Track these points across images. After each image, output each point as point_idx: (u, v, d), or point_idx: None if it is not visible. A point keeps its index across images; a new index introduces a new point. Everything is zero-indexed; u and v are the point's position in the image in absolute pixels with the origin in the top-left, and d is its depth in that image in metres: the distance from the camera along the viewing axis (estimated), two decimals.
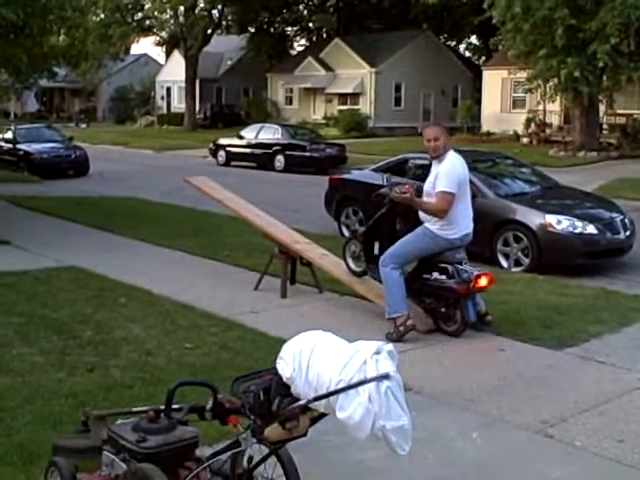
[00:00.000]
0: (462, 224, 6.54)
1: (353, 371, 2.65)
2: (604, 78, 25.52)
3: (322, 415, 2.80)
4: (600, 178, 19.88)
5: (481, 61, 45.86)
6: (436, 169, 6.45)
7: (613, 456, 4.37)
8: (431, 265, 6.64)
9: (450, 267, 6.51)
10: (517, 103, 35.32)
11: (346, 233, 11.92)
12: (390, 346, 2.73)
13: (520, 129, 33.17)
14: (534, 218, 9.80)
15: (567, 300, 7.84)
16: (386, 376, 2.61)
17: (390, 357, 2.69)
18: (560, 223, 9.67)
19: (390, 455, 2.73)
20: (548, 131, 32.55)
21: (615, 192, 15.83)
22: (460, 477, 4.16)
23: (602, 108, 29.26)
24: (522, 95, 33.30)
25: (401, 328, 6.43)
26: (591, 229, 9.69)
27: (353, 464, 4.18)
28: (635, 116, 30.22)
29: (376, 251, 7.08)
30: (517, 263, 9.81)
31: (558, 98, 29.17)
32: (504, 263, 9.86)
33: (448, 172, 6.33)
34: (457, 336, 6.57)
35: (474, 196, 10.11)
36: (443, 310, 6.66)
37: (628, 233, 10.05)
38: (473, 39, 54.00)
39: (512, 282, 8.70)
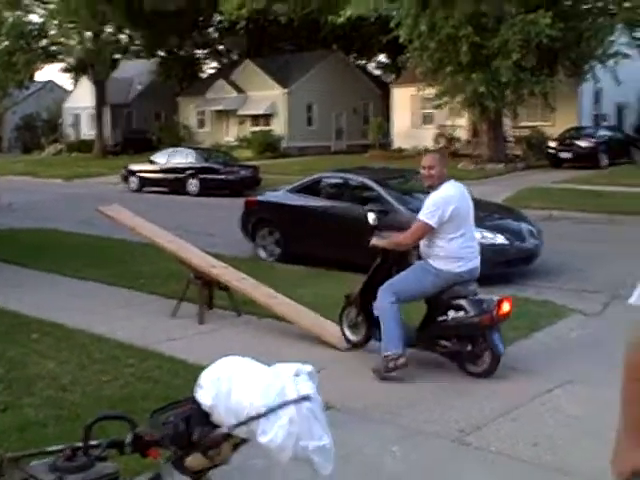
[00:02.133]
0: (466, 257, 6.01)
1: (273, 395, 2.65)
2: (508, 92, 26.38)
3: (244, 441, 2.80)
4: (508, 189, 20.50)
5: (391, 79, 46.69)
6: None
7: (527, 459, 4.51)
8: (443, 305, 6.04)
9: (464, 301, 5.97)
10: (426, 119, 36.15)
11: (263, 255, 11.91)
12: (309, 367, 2.75)
13: (430, 144, 33.93)
14: None
15: None
16: (306, 397, 2.62)
17: (310, 378, 2.71)
18: None
19: (313, 476, 2.74)
20: (457, 145, 33.41)
21: (522, 202, 16.35)
22: None
23: (507, 122, 30.24)
24: (431, 111, 34.08)
25: (391, 365, 5.91)
26: (501, 239, 9.98)
27: None
28: (538, 128, 31.33)
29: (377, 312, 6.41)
30: None
31: (465, 113, 30.02)
32: None
33: (433, 202, 5.92)
34: (490, 375, 5.97)
35: (386, 212, 10.43)
36: (470, 349, 6.01)
37: (536, 242, 10.39)
38: (382, 57, 55.01)
39: None
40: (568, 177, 23.48)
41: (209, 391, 2.77)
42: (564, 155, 28.01)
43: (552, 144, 28.95)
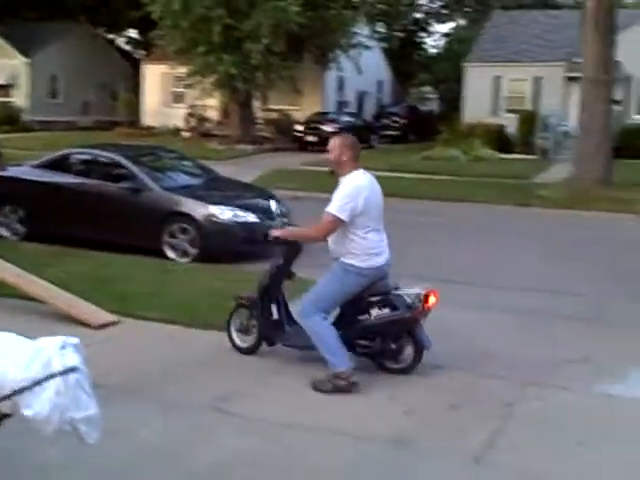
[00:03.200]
0: (383, 250, 5.63)
1: (39, 367, 2.69)
2: (258, 75, 27.01)
3: (6, 416, 2.80)
4: (257, 169, 21.08)
5: (141, 55, 45.64)
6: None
7: (273, 420, 4.88)
8: (364, 304, 5.64)
9: (388, 297, 5.62)
10: (178, 98, 35.88)
11: (5, 233, 11.29)
12: (75, 340, 2.82)
13: (181, 123, 33.81)
14: (198, 209, 10.21)
15: (234, 285, 8.30)
16: (73, 369, 2.70)
17: (76, 350, 2.78)
18: (223, 213, 10.22)
19: (72, 451, 2.82)
20: (208, 125, 33.59)
21: (271, 182, 16.93)
22: (145, 463, 4.32)
23: (257, 104, 30.97)
24: (182, 90, 33.91)
25: (342, 383, 5.36)
26: (252, 217, 10.37)
27: (37, 465, 4.14)
28: (287, 111, 32.43)
29: (275, 315, 5.99)
30: (185, 254, 10.14)
31: (217, 94, 30.29)
32: (172, 254, 10.13)
33: (344, 194, 5.46)
34: (410, 371, 5.76)
35: (139, 190, 10.39)
36: (394, 347, 5.72)
37: (284, 220, 10.90)
38: (132, 33, 53.57)
39: (181, 272, 9.05)
40: (314, 160, 24.58)
41: None
42: (310, 139, 29.24)
43: (299, 128, 30.14)
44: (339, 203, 5.41)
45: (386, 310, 5.60)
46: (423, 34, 50.01)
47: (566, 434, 4.82)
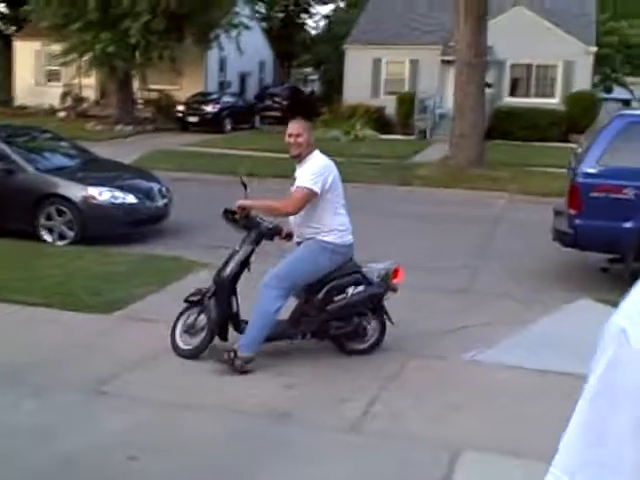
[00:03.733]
0: (350, 228, 5.65)
1: None
2: (137, 54, 26.39)
3: None
4: (137, 150, 20.66)
5: (12, 31, 43.61)
6: (298, 172, 5.56)
7: (159, 402, 4.87)
8: (340, 283, 5.57)
9: (362, 273, 5.64)
10: (53, 76, 34.57)
11: None
12: None
13: (56, 103, 32.64)
14: (76, 191, 9.96)
15: (113, 268, 8.20)
16: None
17: None
18: (102, 195, 10.01)
19: None
20: (85, 105, 32.59)
21: (152, 163, 16.63)
22: (19, 445, 4.22)
23: (137, 84, 30.27)
24: (58, 68, 32.71)
25: (239, 364, 5.28)
26: (131, 199, 10.20)
27: None
28: (167, 92, 31.87)
29: (235, 307, 5.63)
30: (62, 236, 9.88)
31: (94, 73, 29.38)
32: (48, 237, 9.86)
33: (313, 170, 5.43)
34: (373, 350, 5.79)
35: (13, 172, 10.02)
36: (366, 325, 5.75)
37: (166, 201, 10.79)
38: (1, 7, 51.11)
39: (58, 255, 8.82)
40: (195, 140, 24.34)
41: None
42: (191, 119, 28.89)
43: (180, 108, 29.69)
44: (310, 178, 5.37)
45: (361, 287, 5.61)
46: (304, 15, 50.14)
47: (442, 400, 5.04)
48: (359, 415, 4.75)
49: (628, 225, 8.08)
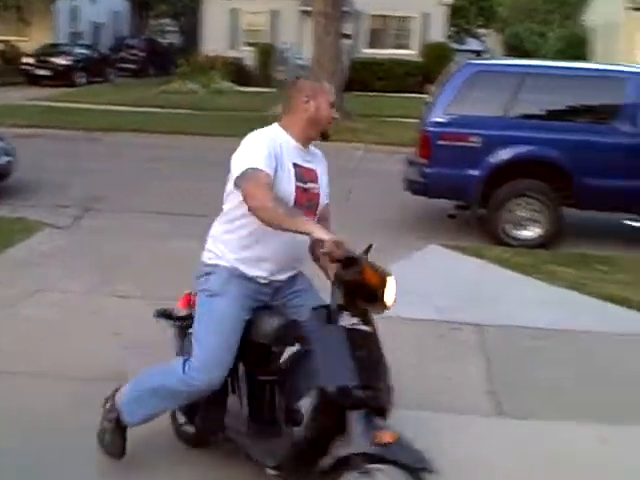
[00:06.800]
0: None
1: None
2: None
3: None
4: None
5: None
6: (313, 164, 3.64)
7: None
8: None
9: None
10: None
11: None
12: None
13: None
14: None
15: None
16: None
17: None
18: None
19: None
20: None
21: None
22: None
23: None
24: None
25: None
26: None
27: None
28: (13, 42, 30.14)
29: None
30: None
31: None
32: None
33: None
34: None
35: None
36: None
37: (9, 159, 10.20)
38: None
39: None
40: (45, 95, 23.18)
41: None
42: (41, 72, 27.48)
43: (28, 60, 28.14)
44: None
45: None
46: None
47: None
48: None
49: (474, 173, 8.34)
